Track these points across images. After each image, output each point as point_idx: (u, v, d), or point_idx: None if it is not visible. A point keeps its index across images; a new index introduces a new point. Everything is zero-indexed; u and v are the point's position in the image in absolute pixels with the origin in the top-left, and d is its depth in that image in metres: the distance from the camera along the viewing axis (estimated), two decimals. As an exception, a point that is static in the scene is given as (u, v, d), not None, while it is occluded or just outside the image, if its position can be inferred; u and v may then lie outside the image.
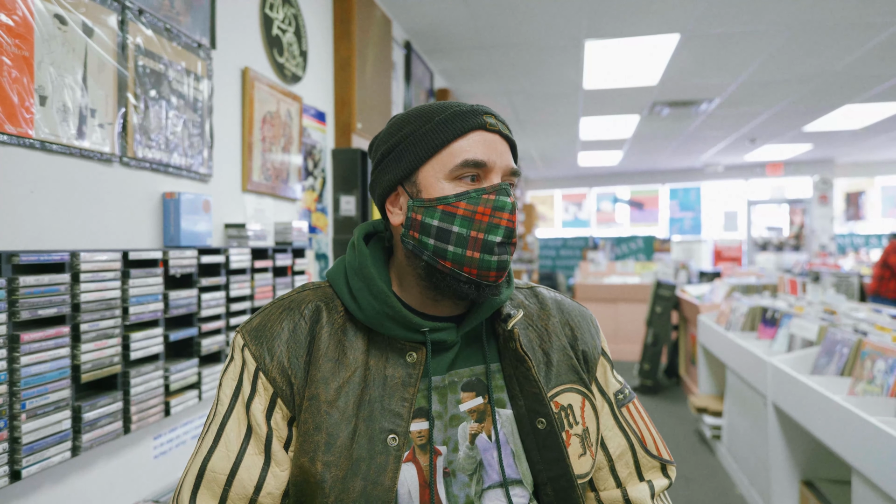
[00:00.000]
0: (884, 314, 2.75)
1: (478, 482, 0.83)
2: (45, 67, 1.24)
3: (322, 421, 0.79)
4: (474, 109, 0.83)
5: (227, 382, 0.84)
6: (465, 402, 0.85)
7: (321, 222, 2.69)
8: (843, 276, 5.29)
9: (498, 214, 0.79)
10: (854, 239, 10.96)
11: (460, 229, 0.79)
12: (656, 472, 0.95)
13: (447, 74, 4.79)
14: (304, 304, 0.86)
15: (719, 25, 3.78)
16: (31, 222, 1.24)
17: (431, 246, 0.80)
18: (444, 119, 0.82)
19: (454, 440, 0.83)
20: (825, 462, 2.56)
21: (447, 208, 0.80)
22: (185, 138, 1.71)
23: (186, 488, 0.81)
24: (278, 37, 2.30)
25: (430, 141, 0.81)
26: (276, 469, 0.81)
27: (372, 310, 0.82)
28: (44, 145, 1.25)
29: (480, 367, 0.88)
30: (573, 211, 12.93)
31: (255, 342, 0.83)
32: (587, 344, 0.95)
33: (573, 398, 0.89)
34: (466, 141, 0.81)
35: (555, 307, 0.97)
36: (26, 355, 1.15)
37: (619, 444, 0.94)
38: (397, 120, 0.87)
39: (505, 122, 0.86)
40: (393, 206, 0.86)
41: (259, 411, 0.81)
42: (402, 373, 0.82)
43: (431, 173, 0.81)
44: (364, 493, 0.77)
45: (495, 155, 0.82)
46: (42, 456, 1.18)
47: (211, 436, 0.82)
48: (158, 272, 1.49)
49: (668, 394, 5.34)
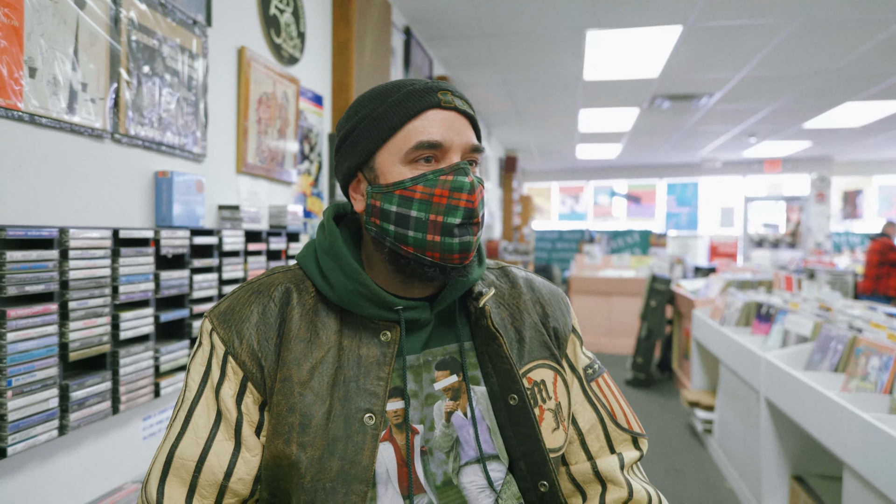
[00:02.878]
0: (879, 311, 2.74)
1: (455, 459, 0.83)
2: (35, 39, 1.21)
3: (296, 402, 0.77)
4: (428, 87, 0.81)
5: (195, 368, 0.83)
6: (439, 380, 0.85)
7: (316, 207, 2.66)
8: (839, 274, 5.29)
9: (456, 195, 0.77)
10: (850, 237, 10.99)
11: (419, 213, 0.77)
12: (627, 445, 0.95)
13: (446, 62, 4.75)
14: (273, 287, 0.84)
15: (722, 18, 3.75)
16: (19, 197, 1.22)
17: (392, 232, 0.79)
18: (397, 100, 0.80)
19: (430, 418, 0.83)
20: (816, 458, 2.56)
21: (404, 193, 0.78)
22: (178, 117, 1.68)
23: (154, 476, 0.79)
24: (276, 17, 2.27)
25: (384, 124, 0.79)
26: (246, 454, 0.79)
27: (344, 289, 0.81)
28: (33, 118, 1.22)
29: (454, 346, 0.87)
30: (570, 204, 12.92)
31: (224, 326, 0.81)
32: (558, 321, 0.95)
33: (545, 374, 0.90)
34: (421, 121, 0.79)
35: (525, 286, 0.97)
36: (13, 332, 1.13)
37: (588, 418, 0.94)
38: (356, 102, 0.85)
39: (464, 97, 0.83)
40: (355, 193, 0.85)
41: (229, 396, 0.79)
42: (377, 352, 0.81)
43: (387, 157, 0.80)
44: (342, 472, 0.76)
45: (452, 133, 0.79)
46: (28, 434, 1.17)
47: (179, 422, 0.81)
48: (150, 252, 1.47)
49: (660, 388, 5.35)
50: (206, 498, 0.78)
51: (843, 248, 10.75)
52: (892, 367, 1.91)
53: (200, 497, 0.78)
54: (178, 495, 0.78)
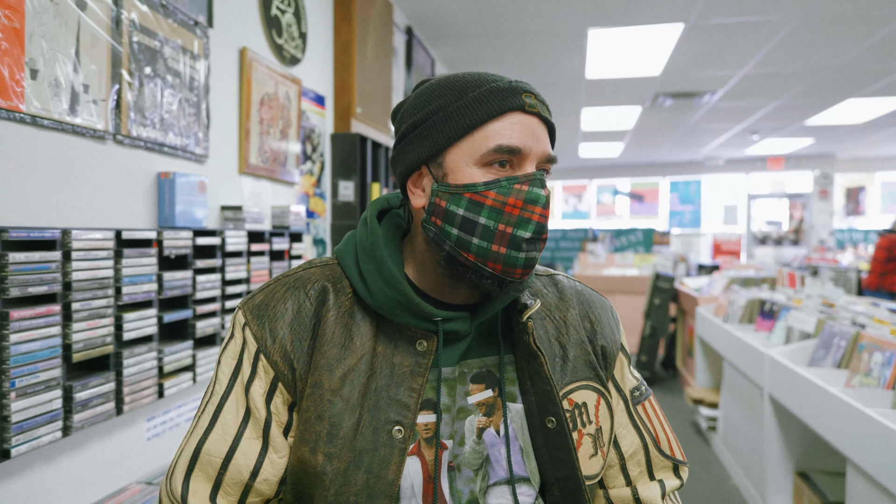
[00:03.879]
0: (882, 308, 2.74)
1: (483, 478, 0.79)
2: (36, 40, 1.22)
3: (325, 410, 0.75)
4: (513, 87, 0.75)
5: (225, 361, 0.80)
6: (473, 393, 0.81)
7: (319, 207, 2.67)
8: (842, 271, 5.28)
9: (530, 208, 0.73)
10: (853, 234, 10.95)
11: (487, 221, 0.73)
12: (668, 472, 0.91)
13: (448, 62, 4.75)
14: (309, 283, 0.81)
15: (723, 16, 3.75)
16: (22, 198, 1.23)
17: (455, 236, 0.74)
18: (478, 96, 0.74)
19: (461, 433, 0.79)
20: (820, 454, 2.56)
21: (475, 197, 0.73)
22: (180, 118, 1.69)
23: (180, 469, 0.78)
24: (277, 17, 2.27)
25: (462, 120, 0.74)
26: (273, 455, 0.77)
27: (382, 295, 0.77)
28: (35, 120, 1.22)
29: (493, 359, 0.83)
30: (573, 203, 12.90)
31: (257, 321, 0.78)
32: (606, 339, 0.90)
33: (588, 396, 0.85)
34: (502, 123, 0.73)
35: (575, 298, 0.91)
36: (16, 333, 1.13)
37: (632, 442, 0.90)
38: (427, 89, 0.79)
39: (545, 103, 0.78)
40: (415, 187, 0.79)
41: (258, 395, 0.77)
42: (411, 361, 0.78)
43: (460, 156, 0.74)
44: (366, 486, 0.73)
45: (532, 140, 0.74)
46: (32, 435, 1.17)
47: (207, 416, 0.79)
48: (152, 252, 1.48)
49: (664, 385, 5.34)
50: (231, 496, 0.77)
51: (846, 244, 10.71)
52: (895, 362, 1.91)
53: (225, 494, 0.77)
54: (202, 491, 0.77)
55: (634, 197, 12.47)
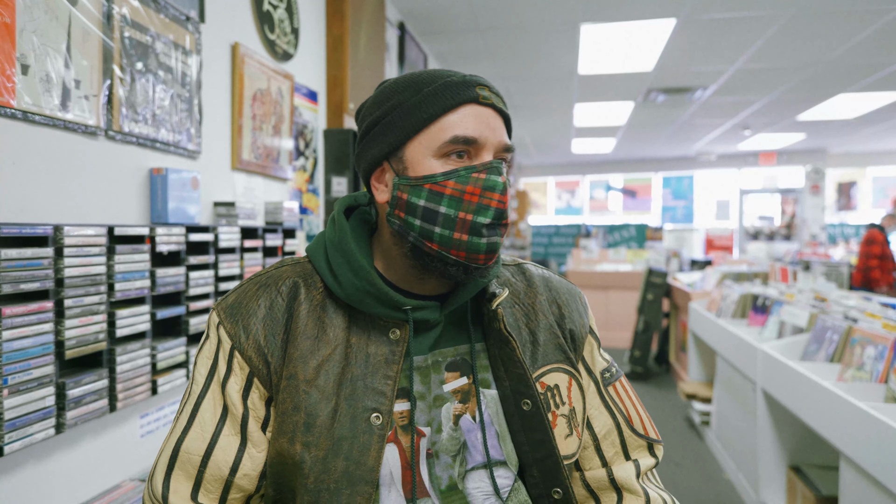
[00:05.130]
0: (874, 302, 2.76)
1: (461, 463, 0.82)
2: (27, 35, 1.20)
3: (301, 401, 0.76)
4: (467, 80, 0.78)
5: (202, 361, 0.82)
6: (448, 382, 0.83)
7: (312, 203, 2.66)
8: (833, 266, 5.31)
9: (488, 195, 0.75)
10: (845, 229, 11.02)
11: (448, 210, 0.75)
12: (643, 451, 0.94)
13: (441, 57, 4.74)
14: (281, 281, 0.83)
15: (715, 11, 3.75)
16: (13, 194, 1.21)
17: (418, 227, 0.77)
18: (433, 90, 0.77)
19: (437, 421, 0.81)
20: (813, 448, 2.57)
21: (434, 187, 0.76)
22: (172, 113, 1.68)
23: (160, 470, 0.79)
24: (269, 12, 2.26)
25: (419, 114, 0.77)
26: (252, 450, 0.79)
27: (352, 286, 0.79)
28: (26, 116, 1.21)
29: (465, 347, 0.85)
30: (566, 198, 12.92)
31: (231, 320, 0.80)
32: (575, 322, 0.93)
33: (560, 378, 0.87)
34: (457, 115, 0.76)
35: (542, 284, 0.94)
36: (8, 329, 1.12)
37: (604, 423, 0.92)
38: (386, 88, 0.82)
39: (499, 94, 0.82)
40: (378, 183, 0.82)
41: (235, 391, 0.79)
42: (386, 350, 0.80)
43: (419, 149, 0.77)
44: (346, 472, 0.75)
45: (488, 130, 0.77)
46: (25, 432, 1.16)
47: (185, 416, 0.80)
48: (145, 249, 1.47)
49: (657, 380, 5.36)
50: (212, 492, 0.78)
51: (837, 239, 10.78)
52: (887, 356, 1.92)
53: (206, 491, 0.78)
54: (183, 489, 0.78)
55: (627, 192, 12.50)
